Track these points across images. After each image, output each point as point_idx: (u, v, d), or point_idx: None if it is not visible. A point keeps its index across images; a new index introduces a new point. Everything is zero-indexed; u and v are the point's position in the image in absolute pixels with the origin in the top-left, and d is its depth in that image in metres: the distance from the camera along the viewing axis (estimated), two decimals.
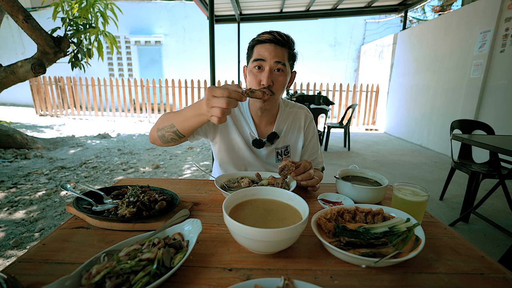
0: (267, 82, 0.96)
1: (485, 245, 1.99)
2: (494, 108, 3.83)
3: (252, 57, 1.00)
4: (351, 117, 4.81)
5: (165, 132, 0.92)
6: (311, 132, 1.22)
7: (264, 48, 0.97)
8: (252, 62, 0.99)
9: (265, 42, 0.98)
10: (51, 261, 0.55)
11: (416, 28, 6.01)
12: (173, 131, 0.90)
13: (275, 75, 0.98)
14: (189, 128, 0.88)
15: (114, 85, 7.86)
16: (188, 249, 0.54)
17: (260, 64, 0.97)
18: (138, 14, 9.72)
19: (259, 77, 0.98)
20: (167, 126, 0.91)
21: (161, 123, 0.93)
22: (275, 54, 0.96)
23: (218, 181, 0.91)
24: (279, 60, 0.96)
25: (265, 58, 0.96)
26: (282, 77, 0.99)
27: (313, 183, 0.91)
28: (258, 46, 0.99)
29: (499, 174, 2.04)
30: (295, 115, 1.19)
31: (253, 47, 1.01)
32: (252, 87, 1.00)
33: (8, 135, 4.00)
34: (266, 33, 0.99)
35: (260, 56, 0.97)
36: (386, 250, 0.57)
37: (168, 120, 0.91)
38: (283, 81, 1.00)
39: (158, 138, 0.95)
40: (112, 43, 3.43)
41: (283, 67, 0.98)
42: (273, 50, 0.96)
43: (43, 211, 2.30)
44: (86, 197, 0.77)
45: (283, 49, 0.98)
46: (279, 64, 0.97)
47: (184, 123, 0.87)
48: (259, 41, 0.99)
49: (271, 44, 0.97)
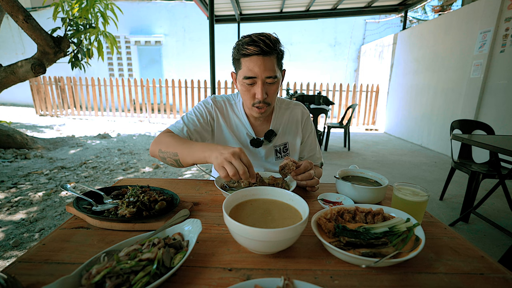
0: (262, 97, 0.95)
1: (485, 245, 1.99)
2: (494, 108, 3.83)
3: (241, 71, 0.96)
4: (351, 117, 4.81)
5: (166, 157, 0.94)
6: (308, 128, 1.21)
7: (252, 62, 0.92)
8: (243, 79, 0.95)
9: (252, 55, 0.91)
10: (51, 261, 0.55)
11: (416, 28, 6.01)
12: (175, 159, 0.92)
13: (268, 87, 0.98)
14: (190, 162, 0.90)
15: (114, 85, 7.86)
16: (188, 249, 0.54)
17: (252, 81, 0.95)
18: (138, 14, 9.72)
19: (252, 91, 0.97)
20: (170, 152, 0.92)
21: (165, 147, 0.94)
22: (265, 67, 0.92)
23: (218, 181, 0.91)
24: (270, 75, 0.94)
25: (256, 74, 0.93)
26: (275, 85, 0.99)
27: (313, 183, 0.91)
28: (244, 59, 0.93)
29: (499, 174, 2.04)
30: (291, 112, 1.18)
31: (238, 59, 0.96)
32: (246, 100, 1.01)
33: (8, 135, 4.00)
34: (251, 44, 0.90)
35: (250, 73, 0.93)
36: (386, 250, 0.57)
37: (173, 147, 0.92)
38: (276, 88, 1.00)
39: (160, 158, 0.97)
40: (112, 44, 3.43)
41: (275, 78, 0.96)
42: (262, 63, 0.91)
43: (43, 211, 2.30)
44: (86, 197, 0.77)
45: (271, 57, 0.93)
46: (270, 78, 0.95)
47: (188, 158, 0.88)
48: (245, 55, 0.92)
49: (258, 57, 0.91)
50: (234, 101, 1.17)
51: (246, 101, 1.02)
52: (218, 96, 1.17)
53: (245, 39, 0.93)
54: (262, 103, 0.98)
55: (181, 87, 7.66)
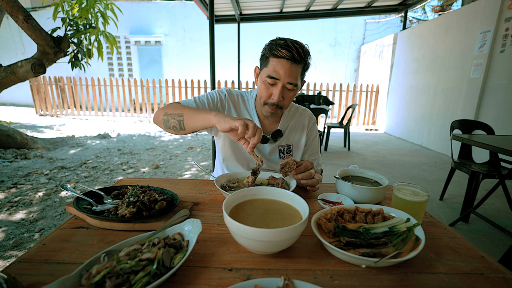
0: (278, 99, 0.98)
1: (485, 245, 1.99)
2: (494, 108, 3.83)
3: (267, 69, 0.98)
4: (351, 117, 4.81)
5: (171, 118, 0.96)
6: (313, 133, 1.25)
7: (280, 64, 0.94)
8: (266, 76, 0.98)
9: (281, 58, 0.94)
10: (51, 261, 0.55)
11: (416, 28, 6.01)
12: (179, 120, 0.94)
13: (286, 92, 1.00)
14: (194, 123, 0.92)
15: (114, 85, 7.86)
16: (188, 249, 0.54)
17: (274, 82, 0.98)
18: (138, 14, 9.72)
19: (270, 91, 1.00)
20: (176, 113, 0.95)
21: (171, 109, 0.97)
22: (290, 73, 0.95)
23: (218, 181, 0.91)
24: (292, 82, 0.97)
25: (280, 77, 0.96)
26: (292, 93, 1.02)
27: (313, 182, 0.91)
28: (274, 60, 0.96)
29: (499, 174, 2.04)
30: (300, 115, 1.22)
31: (268, 57, 0.98)
32: (262, 97, 1.03)
33: (8, 135, 4.00)
34: (284, 47, 0.93)
35: (275, 73, 0.96)
36: (386, 250, 0.57)
37: (180, 109, 0.95)
38: (293, 95, 1.03)
39: (162, 122, 0.98)
40: (112, 44, 3.43)
41: (295, 86, 0.99)
42: (289, 69, 0.94)
43: (43, 211, 2.30)
44: (86, 197, 0.77)
45: (298, 66, 0.96)
46: (291, 85, 0.98)
47: (193, 118, 0.91)
48: (275, 56, 0.95)
49: (287, 61, 0.94)
50: (247, 97, 1.20)
51: (262, 98, 1.04)
52: (233, 90, 1.20)
53: (280, 41, 0.96)
54: (276, 105, 1.01)
55: (181, 87, 7.66)
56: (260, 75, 1.04)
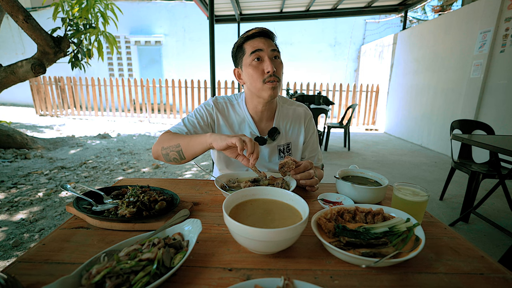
0: (272, 68, 0.98)
1: (485, 245, 1.99)
2: (494, 108, 3.83)
3: (247, 53, 1.01)
4: (351, 117, 4.81)
5: (169, 152, 0.96)
6: (311, 129, 1.22)
7: (256, 41, 1.00)
8: (249, 55, 1.00)
9: (255, 37, 1.01)
10: (51, 261, 0.55)
11: (416, 28, 6.01)
12: (177, 151, 0.95)
13: (275, 63, 1.01)
14: (192, 150, 0.92)
15: (114, 85, 7.86)
16: (188, 249, 0.54)
17: (259, 55, 0.99)
18: (138, 14, 9.72)
19: (261, 67, 1.00)
20: (172, 145, 0.95)
21: (166, 142, 0.97)
22: (269, 44, 1.00)
23: (218, 181, 0.91)
24: (274, 48, 1.01)
25: (262, 48, 0.99)
26: (281, 64, 1.04)
27: (312, 183, 0.91)
28: (249, 42, 1.01)
29: (499, 174, 2.04)
30: (294, 112, 1.19)
31: (241, 45, 1.03)
32: (255, 79, 1.00)
33: (8, 135, 4.00)
34: (253, 29, 1.02)
35: (257, 47, 0.99)
36: (386, 250, 0.57)
37: (175, 140, 0.95)
38: (281, 65, 1.05)
39: (162, 156, 0.99)
40: (112, 44, 3.43)
41: (279, 54, 1.03)
42: (265, 41, 1.00)
43: (43, 211, 2.30)
44: (86, 197, 0.77)
45: (271, 40, 1.03)
46: (275, 52, 1.01)
47: (190, 145, 0.92)
48: (248, 37, 1.01)
49: (261, 38, 1.01)
50: (236, 100, 1.17)
51: (257, 81, 1.00)
52: (219, 97, 1.18)
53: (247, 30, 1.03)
54: (273, 76, 0.99)
55: (181, 87, 7.66)
56: (243, 65, 1.04)
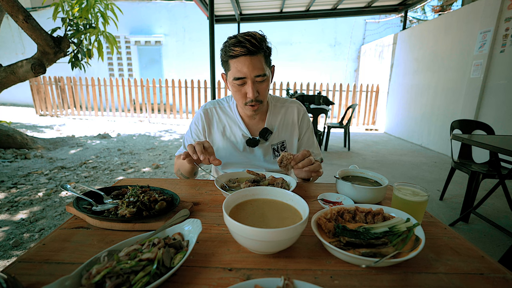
0: (253, 95, 0.96)
1: (485, 245, 1.99)
2: (494, 108, 3.83)
3: (231, 73, 0.97)
4: (351, 117, 4.81)
5: (180, 175, 1.14)
6: (305, 125, 1.20)
7: (240, 63, 0.93)
8: (233, 80, 0.97)
9: (238, 56, 0.92)
10: (51, 261, 0.55)
11: (416, 28, 6.00)
12: (180, 173, 1.12)
13: (258, 85, 0.98)
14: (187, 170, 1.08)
15: (114, 85, 7.86)
16: (188, 249, 0.54)
17: (242, 82, 0.96)
18: (138, 14, 9.72)
19: (243, 91, 0.99)
20: (178, 172, 1.14)
21: (175, 168, 1.16)
22: (253, 67, 0.93)
23: (218, 181, 0.91)
24: (259, 73, 0.94)
25: (245, 74, 0.94)
26: (265, 83, 1.00)
27: (315, 167, 0.90)
28: (232, 61, 0.94)
29: (499, 174, 2.04)
30: (287, 110, 1.18)
31: (227, 60, 0.97)
32: (238, 100, 1.03)
33: (8, 135, 4.00)
34: (237, 45, 0.91)
35: (239, 74, 0.94)
36: (386, 250, 0.57)
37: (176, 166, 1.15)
38: (267, 86, 1.01)
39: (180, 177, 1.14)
40: (112, 44, 3.43)
41: (265, 77, 0.97)
42: (250, 63, 0.92)
43: (43, 211, 2.30)
44: (86, 197, 0.77)
45: (259, 56, 0.93)
46: (260, 77, 0.96)
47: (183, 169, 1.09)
48: (232, 56, 0.93)
49: (245, 57, 0.92)
50: (227, 103, 1.17)
51: (239, 101, 1.03)
52: (208, 104, 1.18)
53: (231, 40, 0.94)
54: (255, 101, 0.99)
55: (181, 87, 7.66)
56: (228, 78, 1.02)
